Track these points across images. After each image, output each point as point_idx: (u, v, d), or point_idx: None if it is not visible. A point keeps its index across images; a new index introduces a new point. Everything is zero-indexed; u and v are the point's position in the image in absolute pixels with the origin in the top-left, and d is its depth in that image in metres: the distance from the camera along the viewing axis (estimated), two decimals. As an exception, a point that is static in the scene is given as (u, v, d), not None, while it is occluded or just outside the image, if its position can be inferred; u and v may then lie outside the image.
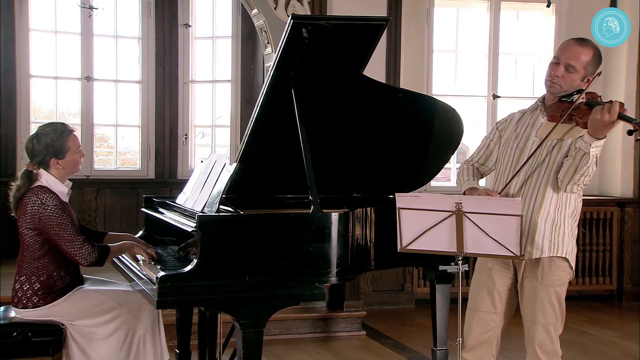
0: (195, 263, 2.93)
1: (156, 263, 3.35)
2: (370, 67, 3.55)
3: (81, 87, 7.22)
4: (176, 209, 3.67)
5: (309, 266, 3.07)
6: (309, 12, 5.90)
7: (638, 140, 3.27)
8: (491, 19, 6.81)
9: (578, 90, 3.07)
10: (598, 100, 3.01)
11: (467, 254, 2.86)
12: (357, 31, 3.32)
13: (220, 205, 3.24)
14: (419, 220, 2.80)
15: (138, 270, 3.31)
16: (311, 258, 3.07)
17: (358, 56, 3.46)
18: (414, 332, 5.50)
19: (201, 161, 3.91)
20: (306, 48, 3.27)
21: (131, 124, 7.55)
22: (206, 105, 7.67)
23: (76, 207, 3.55)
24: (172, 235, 3.70)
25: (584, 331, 5.58)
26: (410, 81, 6.18)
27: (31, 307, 3.27)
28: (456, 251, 2.82)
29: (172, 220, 3.48)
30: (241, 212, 3.23)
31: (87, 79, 7.20)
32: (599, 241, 6.71)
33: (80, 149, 3.43)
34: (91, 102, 7.28)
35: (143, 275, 3.21)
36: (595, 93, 3.05)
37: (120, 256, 3.57)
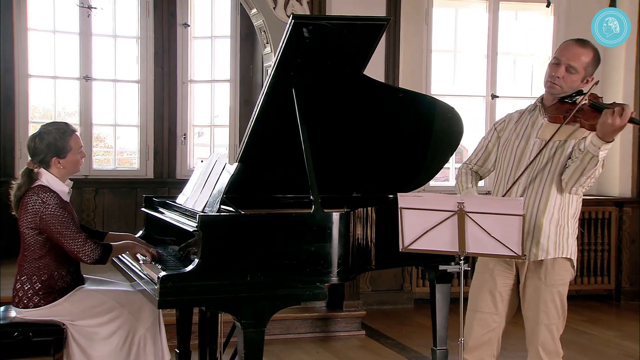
0: (196, 263, 2.92)
1: (157, 263, 3.35)
2: (369, 67, 3.55)
3: (80, 87, 7.21)
4: (177, 209, 3.66)
5: (310, 266, 3.06)
6: (308, 12, 5.89)
7: None
8: (490, 19, 6.82)
9: (577, 91, 3.08)
10: (600, 101, 3.01)
11: (469, 254, 2.86)
12: (358, 31, 3.32)
13: (221, 205, 3.24)
14: (421, 220, 2.80)
15: (139, 270, 3.30)
16: (312, 258, 3.07)
17: (359, 56, 3.46)
18: (414, 332, 5.50)
19: (201, 161, 3.91)
20: (307, 48, 3.27)
21: (130, 124, 7.54)
22: (205, 105, 7.67)
23: (75, 207, 3.54)
24: (173, 235, 3.70)
25: (583, 331, 5.59)
26: (409, 81, 6.18)
27: (32, 307, 3.26)
28: (458, 251, 2.82)
29: (173, 220, 3.47)
30: (242, 212, 3.23)
31: (86, 79, 7.19)
32: (598, 241, 6.72)
33: (81, 149, 3.43)
34: (90, 102, 7.27)
35: (144, 275, 3.20)
36: (596, 94, 3.05)
37: (120, 256, 3.57)
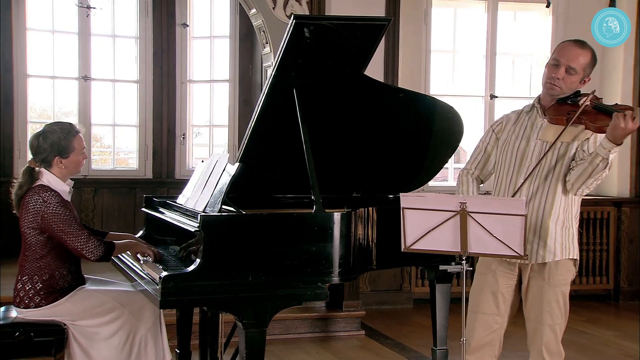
0: (198, 263, 2.92)
1: (158, 263, 3.35)
2: (368, 67, 3.55)
3: (78, 87, 7.20)
4: (177, 209, 3.66)
5: (312, 266, 3.06)
6: (307, 12, 5.89)
7: None
8: (489, 19, 6.82)
9: (575, 92, 3.09)
10: (600, 102, 3.02)
11: (471, 254, 2.87)
12: (359, 31, 3.32)
13: (222, 205, 3.24)
14: (423, 220, 2.80)
15: (140, 270, 3.30)
16: (314, 258, 3.07)
17: (359, 56, 3.46)
18: (413, 332, 5.50)
19: (202, 161, 3.90)
20: (308, 48, 3.27)
21: (129, 124, 7.53)
22: (204, 105, 7.66)
23: (74, 207, 3.54)
24: (173, 235, 3.70)
25: (582, 330, 5.60)
26: (408, 81, 6.18)
27: (33, 307, 3.26)
28: (460, 251, 2.82)
29: (174, 220, 3.47)
30: (243, 212, 3.23)
31: (85, 79, 7.19)
32: (596, 241, 6.73)
33: (84, 151, 3.44)
34: (88, 102, 7.26)
35: (145, 275, 3.20)
36: (596, 95, 3.05)
37: (120, 256, 3.57)
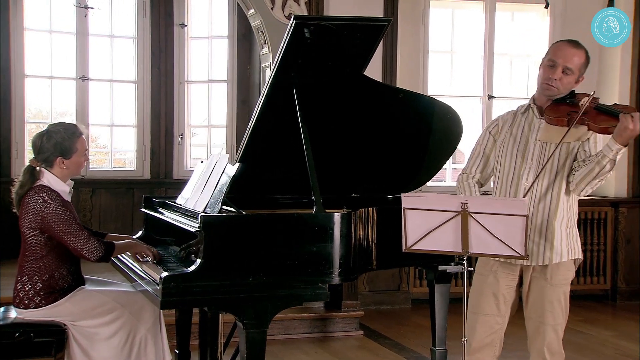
0: (199, 263, 2.92)
1: (158, 263, 3.35)
2: (367, 67, 3.55)
3: (76, 87, 7.19)
4: (177, 209, 3.66)
5: (312, 266, 3.07)
6: (306, 12, 5.89)
7: None
8: (486, 20, 6.83)
9: (570, 92, 3.09)
10: (600, 102, 3.03)
11: (472, 254, 2.87)
12: (359, 32, 3.33)
13: (222, 205, 3.24)
14: (424, 220, 2.80)
15: (140, 270, 3.30)
16: (314, 258, 3.07)
17: (359, 56, 3.47)
18: (411, 332, 5.51)
19: (201, 161, 3.91)
20: (308, 48, 3.27)
21: (126, 124, 7.52)
22: (202, 105, 7.65)
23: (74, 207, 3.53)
24: (172, 235, 3.70)
25: (580, 330, 5.60)
26: (406, 81, 6.19)
27: (33, 307, 3.25)
28: (461, 251, 2.82)
29: (174, 220, 3.47)
30: (244, 213, 3.23)
31: (83, 79, 7.18)
32: (594, 241, 6.74)
33: (86, 152, 3.43)
34: (86, 102, 7.25)
35: (146, 275, 3.20)
36: (593, 96, 3.05)
37: (120, 256, 3.57)
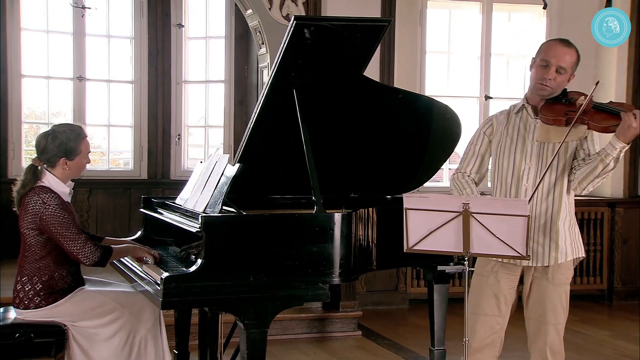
0: (199, 263, 2.93)
1: (157, 264, 3.35)
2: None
3: (73, 87, 7.17)
4: (177, 210, 3.66)
5: (313, 266, 3.07)
6: (304, 13, 5.90)
7: None
8: (483, 21, 6.84)
9: (563, 91, 3.10)
10: (595, 101, 3.03)
11: (473, 254, 2.87)
12: (359, 32, 3.33)
13: (222, 205, 3.24)
14: (426, 220, 2.81)
15: (140, 270, 3.30)
16: (315, 258, 3.08)
17: (359, 57, 3.47)
18: (409, 332, 5.51)
19: (200, 162, 3.91)
20: (308, 49, 3.28)
21: (124, 124, 7.51)
22: (199, 105, 7.65)
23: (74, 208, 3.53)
24: (172, 235, 3.69)
25: (577, 330, 5.62)
26: (403, 82, 6.19)
27: (33, 308, 3.25)
28: (462, 251, 2.83)
29: (174, 221, 3.47)
30: (244, 213, 3.23)
31: (79, 79, 7.16)
32: (590, 241, 6.73)
33: (88, 155, 3.43)
34: (83, 102, 7.23)
35: (146, 276, 3.20)
36: (586, 94, 3.05)
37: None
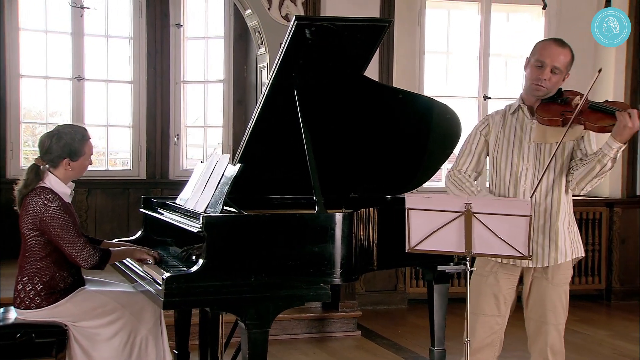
0: (201, 263, 2.93)
1: (158, 264, 3.35)
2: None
3: (72, 87, 7.16)
4: (177, 210, 3.65)
5: (314, 266, 3.08)
6: (303, 13, 5.90)
7: None
8: (482, 21, 6.85)
9: (557, 90, 3.10)
10: (591, 101, 3.04)
11: (475, 254, 2.88)
12: (360, 32, 3.33)
13: (223, 205, 3.24)
14: (428, 220, 2.81)
15: (141, 271, 3.30)
16: (316, 258, 3.08)
17: (359, 57, 3.48)
18: (409, 332, 5.52)
19: (201, 162, 3.91)
20: (309, 49, 3.28)
21: (122, 124, 7.50)
22: (198, 105, 7.64)
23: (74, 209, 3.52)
24: (172, 235, 3.69)
25: (576, 330, 5.62)
26: (402, 82, 6.19)
27: (34, 308, 3.25)
28: (464, 251, 2.84)
29: (175, 221, 3.47)
30: (245, 213, 3.23)
31: (78, 79, 7.15)
32: (588, 241, 6.74)
33: (91, 157, 3.43)
34: (82, 102, 7.22)
35: (147, 276, 3.20)
36: (582, 94, 3.04)
37: (121, 258, 3.56)
